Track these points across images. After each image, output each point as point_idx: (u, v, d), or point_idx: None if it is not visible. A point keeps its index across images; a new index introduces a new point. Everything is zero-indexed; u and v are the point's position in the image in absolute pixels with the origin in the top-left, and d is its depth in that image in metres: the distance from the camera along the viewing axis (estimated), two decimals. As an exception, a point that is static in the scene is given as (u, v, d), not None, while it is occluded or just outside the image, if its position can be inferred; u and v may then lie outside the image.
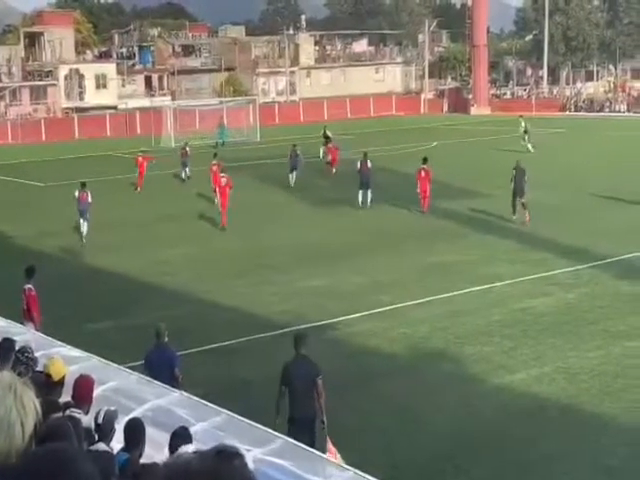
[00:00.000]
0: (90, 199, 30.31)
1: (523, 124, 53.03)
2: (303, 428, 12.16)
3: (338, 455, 11.08)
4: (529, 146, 50.15)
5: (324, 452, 10.64)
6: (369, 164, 35.12)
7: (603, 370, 16.69)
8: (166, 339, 13.42)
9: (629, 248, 25.92)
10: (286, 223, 32.51)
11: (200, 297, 22.52)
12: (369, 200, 34.74)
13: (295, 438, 9.80)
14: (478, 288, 22.48)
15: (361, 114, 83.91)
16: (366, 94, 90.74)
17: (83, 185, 31.08)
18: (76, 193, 30.67)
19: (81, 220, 30.49)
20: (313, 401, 12.53)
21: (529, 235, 28.41)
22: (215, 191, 33.91)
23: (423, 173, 33.42)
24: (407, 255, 26.61)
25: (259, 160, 50.98)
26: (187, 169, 44.56)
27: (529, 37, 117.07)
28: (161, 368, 12.69)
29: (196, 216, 34.42)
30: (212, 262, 26.78)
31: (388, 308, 21.14)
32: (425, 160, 34.16)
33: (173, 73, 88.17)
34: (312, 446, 10.26)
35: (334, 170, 44.15)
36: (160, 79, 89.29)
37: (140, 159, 42.84)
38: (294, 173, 40.90)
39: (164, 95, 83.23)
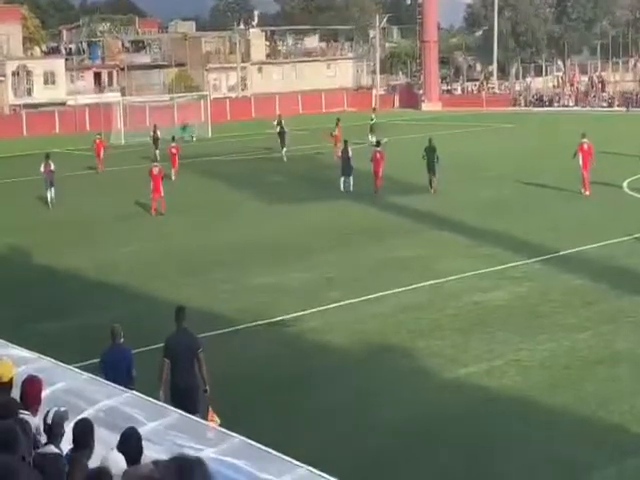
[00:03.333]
0: (53, 167, 35.92)
1: (373, 117, 54.12)
2: (186, 397, 12.71)
3: (217, 420, 12.12)
4: (372, 139, 49.24)
5: (206, 419, 11.63)
6: (350, 152, 36.98)
7: (554, 362, 16.82)
8: (122, 340, 13.32)
9: (578, 242, 26.14)
10: (239, 220, 32.37)
11: (151, 295, 22.32)
12: (351, 185, 36.60)
13: (179, 407, 10.28)
14: (430, 283, 22.55)
15: (313, 110, 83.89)
16: (318, 90, 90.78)
17: (47, 156, 36.39)
18: (42, 167, 35.74)
19: (48, 190, 35.60)
20: (195, 371, 13.10)
21: (481, 230, 28.52)
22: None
23: (378, 155, 36.30)
24: (359, 251, 26.60)
25: (211, 157, 50.77)
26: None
27: (479, 33, 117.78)
28: (117, 369, 12.65)
29: (144, 214, 34.22)
30: (164, 260, 26.56)
31: (341, 304, 21.07)
32: (378, 143, 37.94)
33: (123, 69, 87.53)
34: (194, 413, 10.90)
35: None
36: (110, 75, 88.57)
37: (98, 141, 46.66)
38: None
39: (114, 91, 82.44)
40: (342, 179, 37.11)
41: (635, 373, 16.20)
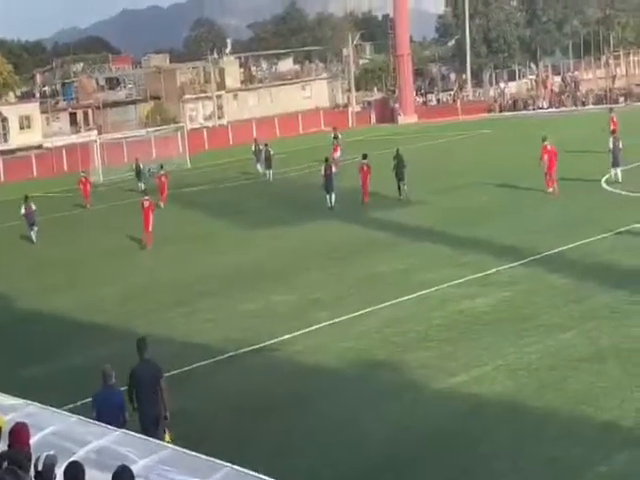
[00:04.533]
0: (34, 207, 37.42)
1: (333, 135, 54.92)
2: (151, 423, 13.47)
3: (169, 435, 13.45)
4: (338, 155, 50.93)
5: (162, 438, 12.78)
6: (333, 169, 38.13)
7: (541, 364, 16.90)
8: (113, 381, 13.39)
9: (560, 241, 26.25)
10: (223, 248, 32.37)
11: (136, 332, 22.18)
12: (333, 201, 37.37)
13: (143, 432, 11.43)
14: (416, 295, 22.60)
15: (290, 132, 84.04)
16: (294, 112, 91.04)
17: (26, 198, 37.84)
18: (22, 210, 37.21)
19: (30, 230, 37.18)
20: (158, 399, 13.72)
21: (463, 238, 28.59)
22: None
23: (365, 168, 37.55)
24: (344, 269, 26.65)
25: (192, 187, 50.87)
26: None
27: (451, 43, 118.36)
28: (109, 410, 12.74)
29: (131, 249, 34.25)
30: (147, 295, 26.55)
31: (327, 324, 21.11)
32: (365, 156, 38.53)
33: (98, 107, 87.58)
34: (154, 436, 11.84)
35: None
36: (85, 114, 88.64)
37: (84, 179, 48.01)
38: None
39: (90, 130, 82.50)
40: (327, 196, 37.73)
41: (621, 368, 16.25)
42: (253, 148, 54.65)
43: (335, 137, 54.59)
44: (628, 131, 45.61)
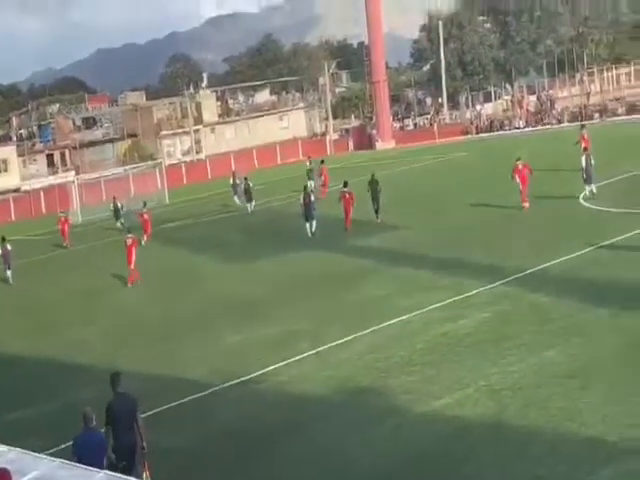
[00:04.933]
0: (10, 247, 38.08)
1: (308, 165, 56.14)
2: (128, 455, 13.64)
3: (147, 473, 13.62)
4: (311, 184, 50.91)
5: (141, 472, 13.30)
6: (312, 198, 38.44)
7: (524, 383, 16.88)
8: (94, 423, 13.34)
9: (540, 259, 26.31)
10: (205, 283, 32.24)
11: (121, 370, 22.06)
12: (313, 229, 37.85)
13: (120, 462, 12.17)
14: (397, 320, 22.59)
15: (268, 163, 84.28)
16: (272, 143, 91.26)
17: (3, 239, 38.32)
18: None
19: (6, 270, 37.70)
20: (134, 431, 13.86)
21: (443, 261, 28.63)
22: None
23: (347, 195, 37.99)
24: (325, 298, 26.65)
25: (171, 222, 50.79)
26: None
27: (426, 67, 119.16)
28: (90, 452, 12.72)
29: (113, 287, 34.11)
30: (131, 332, 26.45)
31: (311, 353, 21.09)
32: (346, 184, 38.90)
33: (75, 147, 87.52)
34: (134, 468, 12.62)
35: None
36: (62, 155, 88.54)
37: (63, 219, 48.24)
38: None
39: (68, 171, 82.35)
40: (307, 225, 37.96)
41: (604, 383, 16.27)
42: (231, 181, 54.75)
43: (310, 169, 55.15)
44: (604, 147, 46.00)
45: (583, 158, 36.56)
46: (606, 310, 20.71)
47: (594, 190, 35.96)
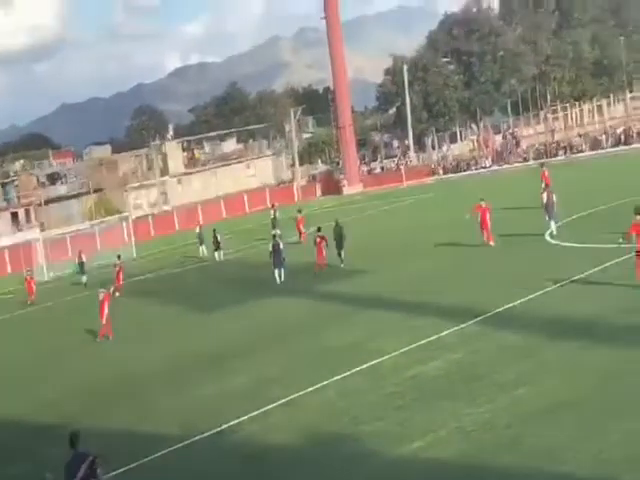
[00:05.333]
0: None
1: (273, 213, 56.79)
2: None
3: None
4: (277, 231, 51.15)
5: None
6: (281, 245, 38.62)
7: (496, 423, 16.81)
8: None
9: (509, 297, 26.26)
10: (172, 334, 32.02)
11: (90, 429, 21.47)
12: (282, 276, 38.04)
13: None
14: (368, 365, 22.45)
15: (236, 212, 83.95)
16: (239, 191, 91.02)
17: None
18: None
19: None
20: None
21: (412, 303, 28.56)
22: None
23: (318, 239, 39.46)
24: (297, 344, 26.50)
25: (139, 276, 50.25)
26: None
27: (392, 110, 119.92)
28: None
29: (80, 344, 33.66)
30: (99, 390, 26.05)
31: (283, 401, 20.90)
32: (319, 229, 40.19)
33: (40, 204, 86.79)
34: None
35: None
36: (27, 212, 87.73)
37: (28, 278, 48.46)
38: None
39: (33, 228, 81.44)
40: (275, 271, 38.05)
41: (575, 420, 16.21)
42: (197, 232, 54.44)
43: (274, 217, 55.33)
44: (569, 184, 46.15)
45: (544, 195, 36.77)
46: (574, 346, 20.70)
47: (554, 228, 36.10)
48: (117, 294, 41.06)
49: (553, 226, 36.18)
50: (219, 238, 50.80)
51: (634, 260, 25.31)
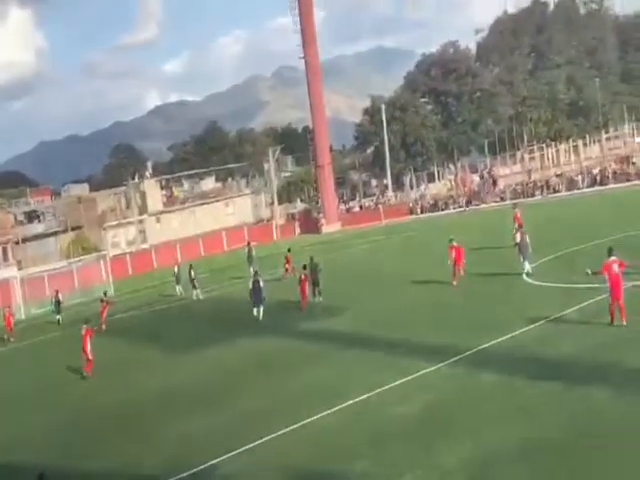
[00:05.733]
0: None
1: (247, 251, 57.02)
2: None
3: None
4: (253, 270, 51.80)
5: None
6: (261, 283, 38.44)
7: (473, 464, 16.80)
8: None
9: (486, 337, 26.27)
10: (151, 372, 31.86)
11: (61, 470, 21.46)
12: (261, 313, 37.90)
13: None
14: (346, 404, 22.39)
15: (215, 250, 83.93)
16: (218, 229, 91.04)
17: None
18: None
19: None
20: None
21: (390, 342, 28.50)
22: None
23: (303, 276, 39.63)
24: (273, 383, 26.44)
25: (117, 314, 49.94)
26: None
27: (370, 149, 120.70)
28: None
29: (60, 382, 33.48)
30: (79, 425, 26.01)
31: (261, 441, 20.78)
32: (305, 267, 40.43)
33: (17, 242, 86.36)
34: None
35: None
36: (4, 250, 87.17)
37: (7, 314, 48.85)
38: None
39: (9, 266, 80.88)
40: (255, 310, 38.09)
41: (554, 460, 16.24)
42: (175, 270, 54.30)
43: (249, 255, 55.59)
44: (546, 224, 46.39)
45: (518, 236, 37.11)
46: (552, 388, 20.68)
47: (529, 267, 36.34)
48: (103, 327, 42.03)
49: (527, 266, 36.38)
50: (193, 275, 50.66)
51: (608, 301, 25.60)
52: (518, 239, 36.83)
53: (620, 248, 27.50)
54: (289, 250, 53.33)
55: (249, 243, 59.73)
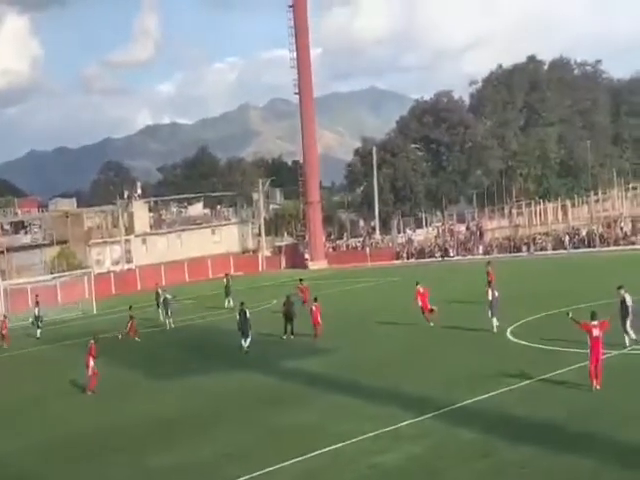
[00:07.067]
0: None
1: (225, 282, 57.32)
2: None
3: None
4: (229, 301, 53.38)
5: None
6: (248, 314, 38.26)
7: None
8: None
9: (469, 393, 26.34)
10: (131, 399, 31.72)
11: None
12: (248, 344, 37.99)
13: None
14: (326, 449, 22.31)
15: (199, 276, 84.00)
16: (204, 256, 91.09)
17: None
18: None
19: None
20: None
21: (374, 388, 28.59)
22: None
23: (314, 307, 40.22)
24: (254, 420, 26.32)
25: (97, 334, 49.74)
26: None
27: (360, 190, 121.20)
28: None
29: (37, 400, 33.37)
30: (53, 451, 25.65)
31: None
32: (315, 299, 41.60)
33: (2, 252, 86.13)
34: None
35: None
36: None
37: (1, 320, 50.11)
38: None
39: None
40: (242, 340, 38.21)
41: None
42: (156, 294, 53.93)
43: (227, 286, 55.65)
44: (530, 281, 46.55)
45: (489, 291, 37.39)
46: (531, 450, 20.63)
47: (495, 324, 36.73)
48: (137, 339, 44.43)
49: (495, 322, 36.74)
50: (168, 301, 50.16)
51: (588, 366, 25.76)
52: (489, 296, 37.21)
53: (604, 315, 27.68)
54: (301, 280, 52.63)
55: (227, 274, 59.83)
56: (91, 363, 33.01)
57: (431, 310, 40.39)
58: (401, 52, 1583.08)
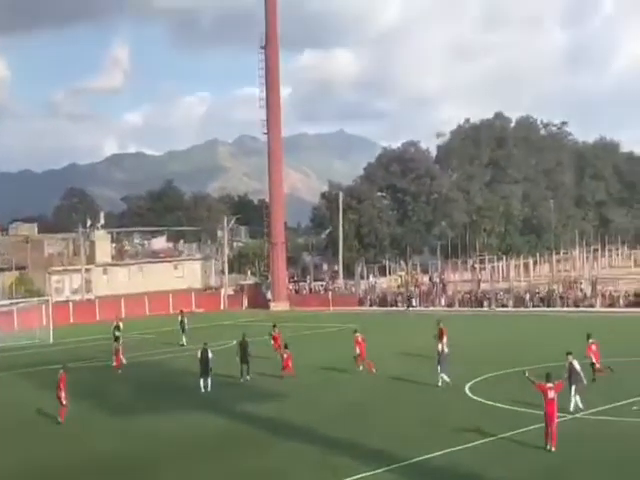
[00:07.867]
0: None
1: (180, 318, 57.40)
2: None
3: None
4: (183, 339, 53.79)
5: None
6: (210, 354, 38.24)
7: None
8: None
9: (424, 449, 26.04)
10: (78, 437, 30.82)
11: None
12: (209, 385, 37.98)
13: None
14: None
15: (160, 311, 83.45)
16: (165, 290, 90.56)
17: None
18: None
19: None
20: None
21: (331, 438, 28.31)
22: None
23: (286, 355, 41.08)
24: (210, 465, 25.84)
25: (51, 364, 49.02)
26: None
27: (324, 233, 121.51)
28: None
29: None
30: None
31: None
32: (286, 346, 42.38)
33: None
34: None
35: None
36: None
37: None
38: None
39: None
40: (201, 381, 37.89)
41: None
42: (114, 326, 52.70)
43: (182, 323, 55.61)
44: (494, 339, 46.40)
45: (440, 347, 37.75)
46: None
47: (446, 378, 36.85)
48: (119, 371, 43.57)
49: (445, 377, 36.87)
50: (117, 337, 49.24)
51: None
52: (440, 350, 37.48)
53: (558, 377, 27.83)
54: (274, 326, 50.13)
55: (182, 311, 59.52)
56: (62, 393, 32.40)
57: (370, 364, 41.35)
58: (371, 98, 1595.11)
